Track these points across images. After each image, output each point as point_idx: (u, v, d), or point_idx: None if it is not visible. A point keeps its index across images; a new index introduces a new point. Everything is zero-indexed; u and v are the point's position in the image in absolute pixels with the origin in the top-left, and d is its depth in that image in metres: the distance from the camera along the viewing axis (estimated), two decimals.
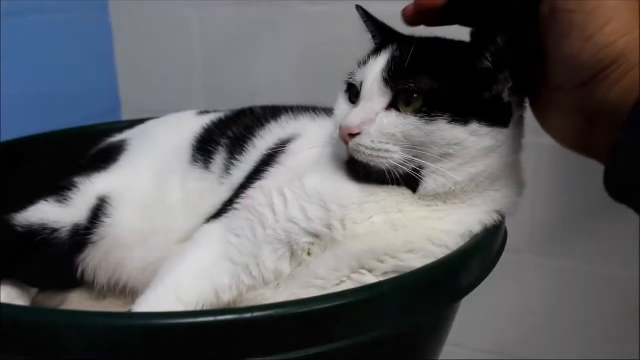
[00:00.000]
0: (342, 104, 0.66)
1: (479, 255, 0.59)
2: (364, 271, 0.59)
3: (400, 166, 0.58)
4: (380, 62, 0.61)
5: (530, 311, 1.23)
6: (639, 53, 0.48)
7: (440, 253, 0.58)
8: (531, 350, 1.23)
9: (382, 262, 0.59)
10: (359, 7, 0.69)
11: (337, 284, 0.60)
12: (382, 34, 0.68)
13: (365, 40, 0.69)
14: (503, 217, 0.63)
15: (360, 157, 0.59)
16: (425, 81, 0.58)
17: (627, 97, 0.48)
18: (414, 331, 0.59)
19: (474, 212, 0.61)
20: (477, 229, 0.61)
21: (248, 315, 0.45)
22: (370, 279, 0.59)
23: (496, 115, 0.58)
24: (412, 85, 0.58)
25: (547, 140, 0.59)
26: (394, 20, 0.64)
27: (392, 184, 0.60)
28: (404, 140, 0.58)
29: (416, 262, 0.58)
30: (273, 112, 0.80)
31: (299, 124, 0.77)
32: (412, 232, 0.59)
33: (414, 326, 0.57)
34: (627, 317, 1.11)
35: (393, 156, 0.58)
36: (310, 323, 0.47)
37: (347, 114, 0.61)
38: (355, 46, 0.66)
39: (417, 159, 0.58)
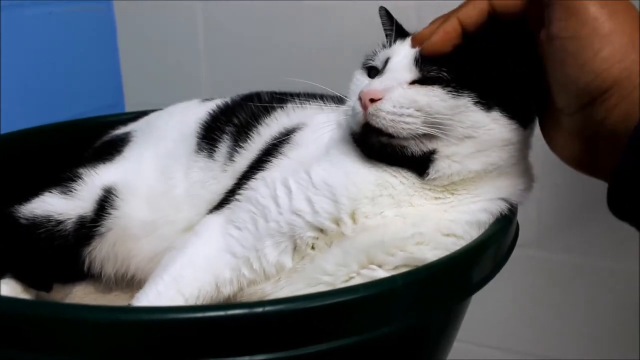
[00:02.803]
0: (360, 79, 0.65)
1: (492, 248, 0.58)
2: (373, 266, 0.58)
3: (418, 138, 0.58)
4: (407, 45, 0.62)
5: (536, 306, 1.22)
6: (637, 77, 0.49)
7: (450, 243, 0.58)
8: (538, 346, 1.23)
9: (392, 255, 0.58)
10: (382, 8, 0.70)
11: (346, 280, 0.59)
12: (399, 32, 0.68)
13: (370, 34, 0.69)
14: (513, 208, 0.63)
15: (378, 123, 0.57)
16: (454, 69, 0.58)
17: (626, 121, 0.49)
18: (427, 326, 0.58)
19: (478, 200, 0.60)
20: (483, 216, 0.60)
21: (259, 309, 0.44)
22: (381, 274, 0.58)
23: (518, 111, 0.59)
24: (445, 73, 0.58)
25: None
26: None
27: (404, 164, 0.60)
28: (428, 111, 0.57)
29: (428, 254, 0.57)
30: (280, 99, 0.79)
31: (306, 113, 0.75)
32: (421, 224, 0.59)
33: (427, 321, 0.57)
34: (636, 312, 1.10)
35: (415, 121, 0.57)
36: (322, 318, 0.46)
37: (368, 82, 0.61)
38: (360, 41, 0.66)
39: (438, 136, 0.57)
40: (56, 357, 0.44)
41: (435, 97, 0.57)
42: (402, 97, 0.57)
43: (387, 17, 0.69)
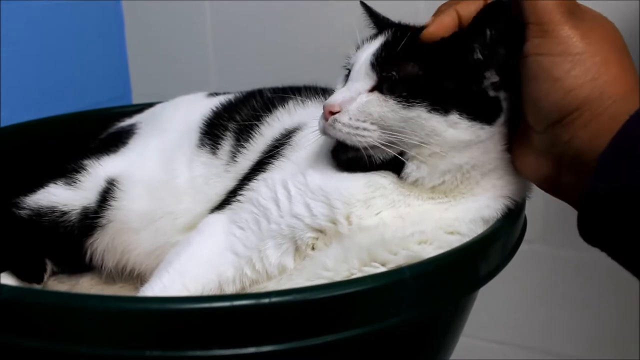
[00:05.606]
0: (337, 86, 0.65)
1: (499, 241, 0.58)
2: (376, 264, 0.58)
3: (379, 147, 0.58)
4: (372, 47, 0.61)
5: (542, 302, 1.22)
6: (608, 98, 0.49)
7: (454, 240, 0.57)
8: (543, 341, 1.23)
9: (395, 254, 0.57)
10: (362, 3, 0.69)
11: (347, 276, 0.59)
12: (380, 26, 0.67)
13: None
14: (520, 202, 0.62)
15: (336, 134, 0.58)
16: (409, 69, 0.57)
17: (594, 143, 0.49)
18: (433, 319, 0.58)
19: (479, 199, 0.60)
20: (486, 213, 0.59)
21: (266, 300, 0.44)
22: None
23: (480, 109, 0.57)
24: (395, 73, 0.57)
25: None
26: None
27: (372, 169, 0.60)
28: (382, 123, 0.57)
29: (432, 253, 0.56)
30: (281, 97, 0.79)
31: (306, 112, 0.75)
32: (421, 222, 0.58)
33: (433, 314, 0.56)
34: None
35: (371, 134, 0.58)
36: (329, 309, 0.46)
37: (334, 92, 0.62)
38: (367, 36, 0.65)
39: (396, 145, 0.58)
40: (65, 346, 0.44)
41: (386, 109, 0.57)
42: (358, 109, 0.58)
43: (368, 14, 0.68)
